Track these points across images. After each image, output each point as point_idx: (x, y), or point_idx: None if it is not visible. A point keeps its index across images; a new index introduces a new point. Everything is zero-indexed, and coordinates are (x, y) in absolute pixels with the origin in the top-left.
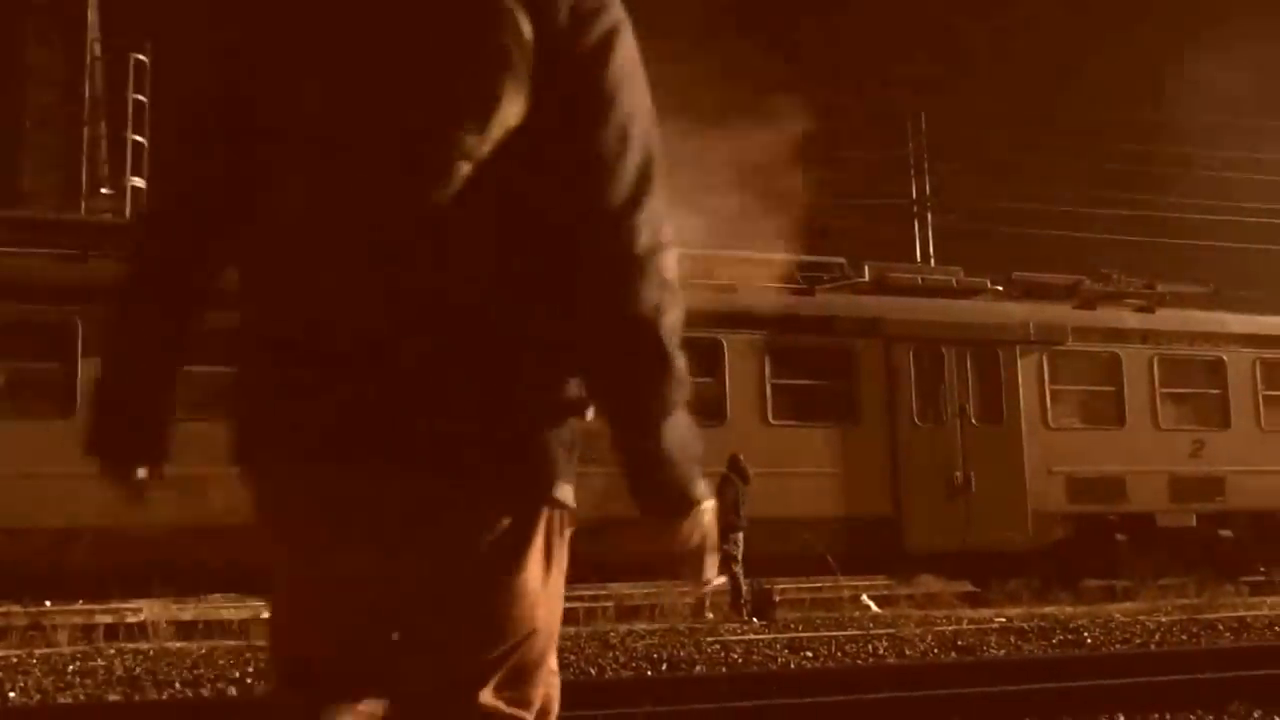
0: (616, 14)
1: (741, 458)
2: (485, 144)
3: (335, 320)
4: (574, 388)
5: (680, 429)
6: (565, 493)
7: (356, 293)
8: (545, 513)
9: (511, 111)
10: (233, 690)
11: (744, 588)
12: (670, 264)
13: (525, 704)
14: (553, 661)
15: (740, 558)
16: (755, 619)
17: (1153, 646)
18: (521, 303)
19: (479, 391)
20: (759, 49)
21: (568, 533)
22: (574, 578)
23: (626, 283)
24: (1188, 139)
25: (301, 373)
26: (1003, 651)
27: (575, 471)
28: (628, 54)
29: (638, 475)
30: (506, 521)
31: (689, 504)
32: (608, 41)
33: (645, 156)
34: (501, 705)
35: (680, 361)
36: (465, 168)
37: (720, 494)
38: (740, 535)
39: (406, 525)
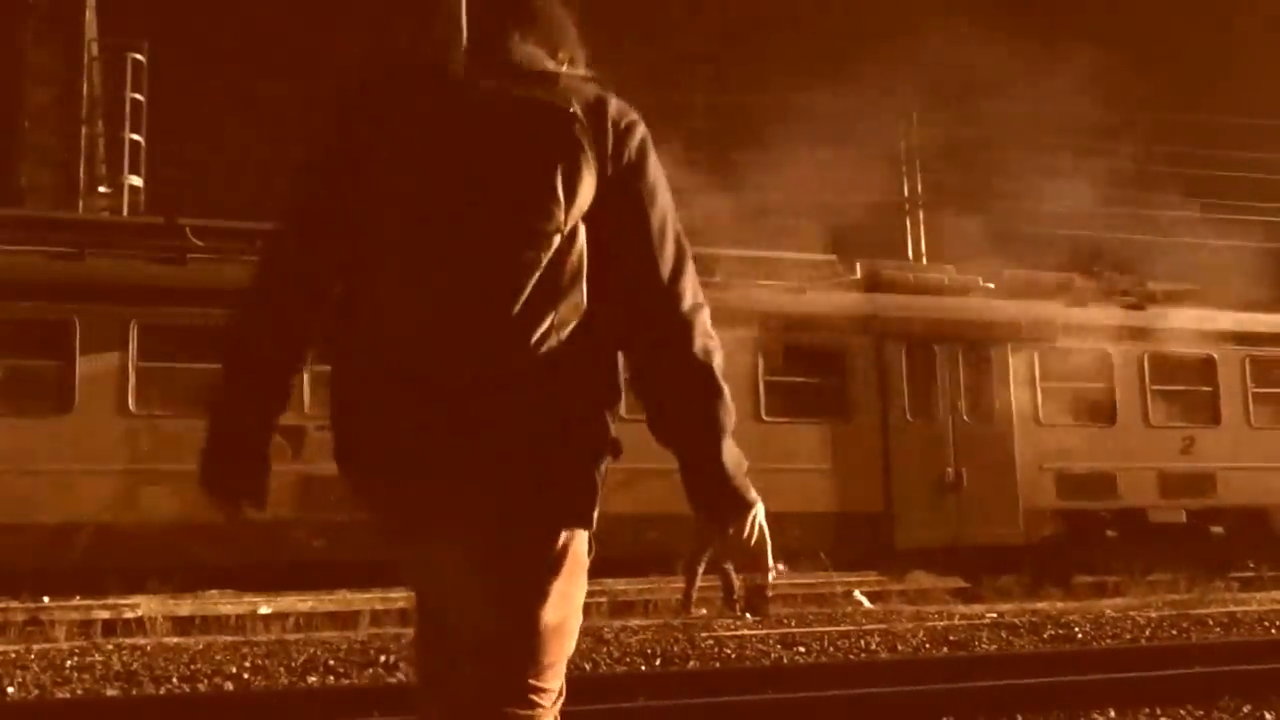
0: (644, 128)
1: None
2: (570, 220)
3: (438, 361)
4: (613, 430)
5: (734, 447)
6: (594, 502)
7: (455, 341)
8: (582, 534)
9: (586, 196)
10: (229, 685)
11: (736, 584)
12: (708, 318)
13: (551, 693)
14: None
15: None
16: (749, 615)
17: (1143, 642)
18: (585, 360)
19: (547, 432)
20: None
21: (591, 550)
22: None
23: (684, 336)
24: (1182, 136)
25: (402, 402)
26: (994, 647)
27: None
28: (656, 158)
29: (705, 487)
30: (555, 540)
31: (748, 506)
32: (643, 149)
33: (679, 237)
34: (536, 693)
35: (728, 394)
36: (557, 239)
37: None
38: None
39: (474, 537)
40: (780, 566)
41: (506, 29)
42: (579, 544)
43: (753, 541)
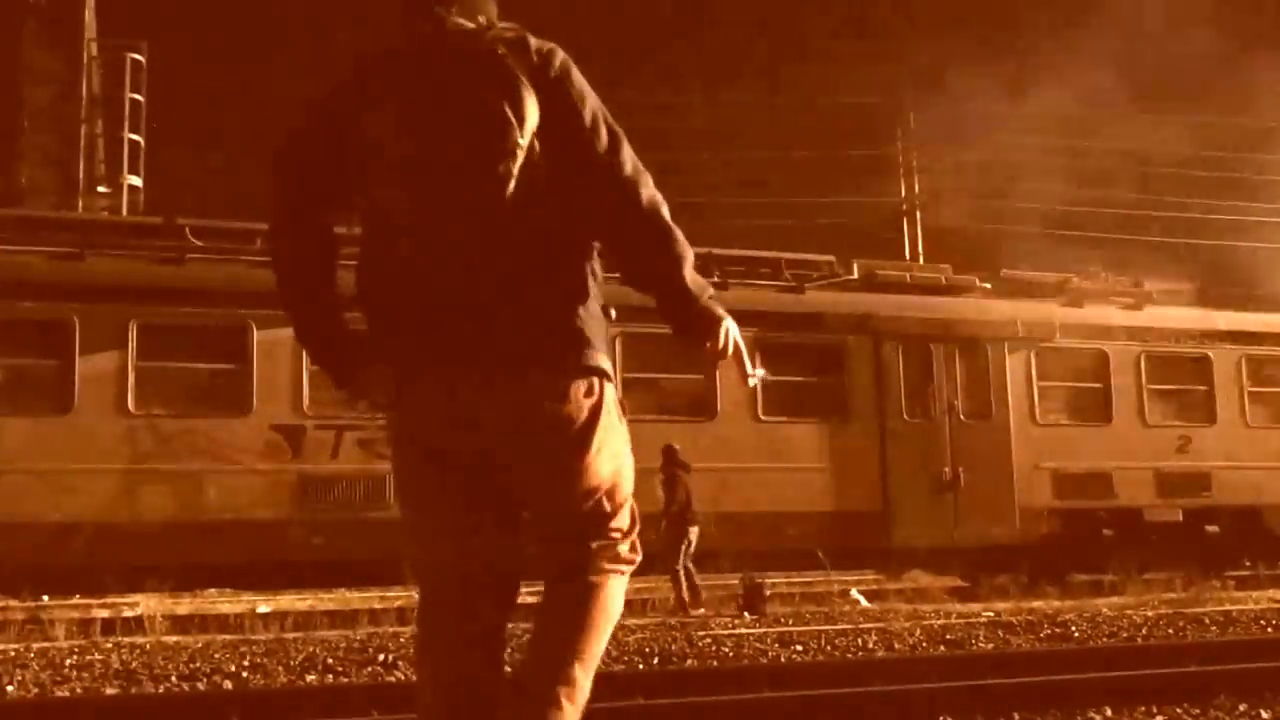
0: (562, 51)
1: (678, 449)
2: (525, 135)
3: (440, 276)
4: (598, 297)
5: (696, 276)
6: (604, 362)
7: (451, 256)
8: (592, 380)
9: (533, 115)
10: (228, 684)
11: (698, 583)
12: (650, 180)
13: (626, 525)
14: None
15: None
16: (746, 613)
17: (1140, 640)
18: (559, 246)
19: (539, 308)
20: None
21: (616, 394)
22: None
23: (635, 196)
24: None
25: (419, 312)
26: (991, 645)
27: (610, 354)
28: (578, 71)
29: (677, 311)
30: (567, 386)
31: (718, 320)
32: (565, 66)
33: (612, 124)
34: (608, 538)
35: (681, 234)
36: (520, 154)
37: (672, 489)
38: (695, 529)
39: (502, 407)
40: (760, 371)
41: (438, 8)
42: (608, 394)
43: (730, 350)
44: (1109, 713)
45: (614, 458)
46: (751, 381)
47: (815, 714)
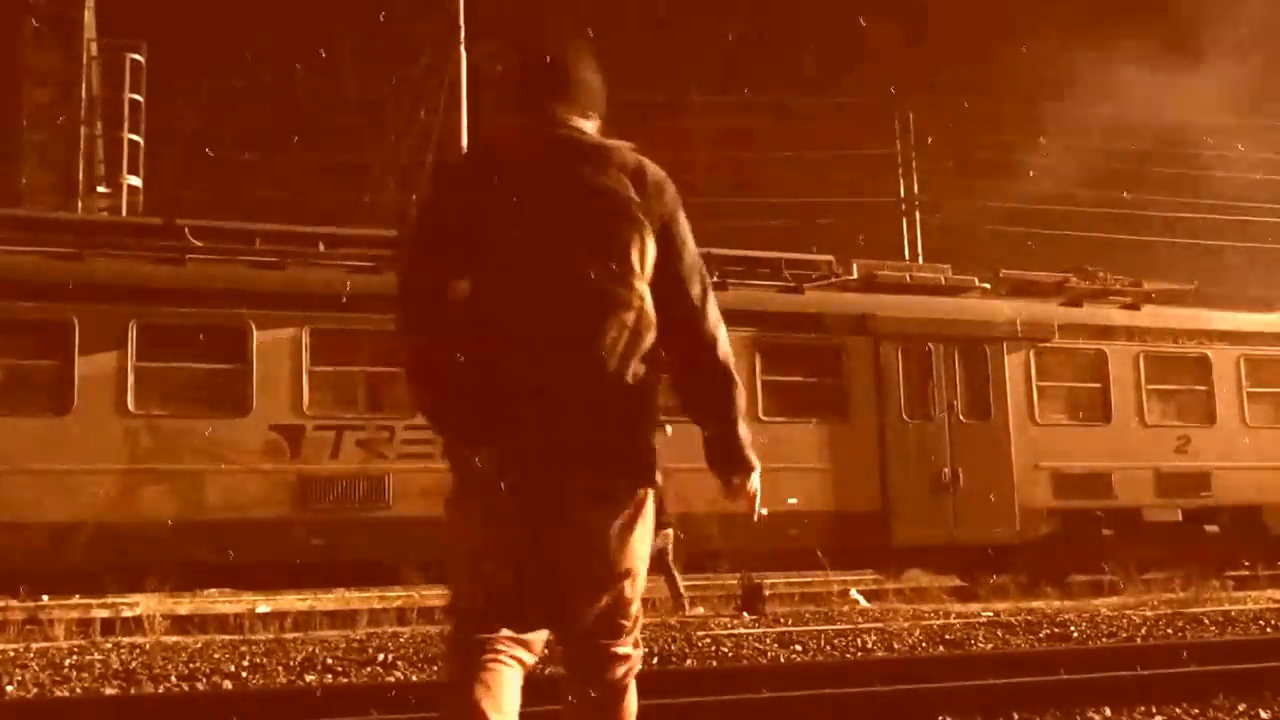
0: (673, 186)
1: None
2: (645, 284)
3: (518, 370)
4: (657, 414)
5: (745, 425)
6: (655, 477)
7: (548, 358)
8: (646, 492)
9: (651, 263)
10: (228, 684)
11: (680, 586)
12: (725, 331)
13: (632, 619)
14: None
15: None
16: (745, 614)
17: (1139, 640)
18: (648, 380)
19: (612, 421)
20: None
21: (654, 505)
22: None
23: (711, 346)
24: (1175, 138)
25: (509, 402)
26: (990, 646)
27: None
28: (682, 211)
29: (727, 453)
30: (627, 498)
31: (753, 468)
32: (675, 207)
33: (703, 271)
34: (623, 619)
35: (741, 386)
36: (637, 301)
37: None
38: (670, 532)
39: (565, 505)
40: (764, 511)
41: (551, 105)
42: (650, 503)
43: (749, 490)
44: (1108, 712)
45: (634, 558)
46: (755, 518)
47: (814, 714)
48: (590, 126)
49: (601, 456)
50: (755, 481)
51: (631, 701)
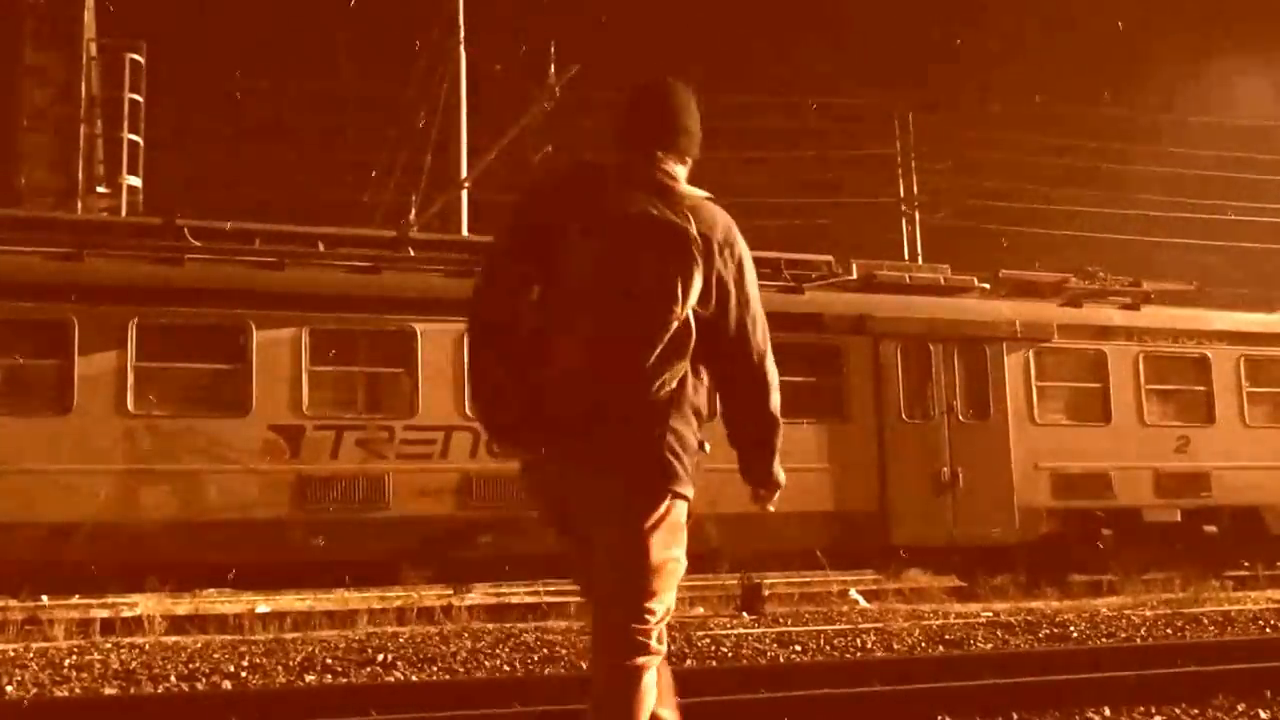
0: (741, 241)
1: None
2: (684, 312)
3: (571, 373)
4: (699, 433)
5: (779, 441)
6: (687, 489)
7: (597, 373)
8: (672, 501)
9: (694, 296)
10: (227, 684)
11: None
12: (775, 371)
13: (651, 610)
14: (674, 590)
15: None
16: (745, 614)
17: (1139, 641)
18: (681, 396)
19: (654, 441)
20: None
21: (686, 514)
22: (567, 573)
23: (761, 372)
24: (1176, 138)
25: (561, 410)
26: (990, 646)
27: (695, 480)
28: (749, 260)
29: (760, 468)
30: (652, 503)
31: (779, 485)
32: (741, 258)
33: (762, 318)
34: (647, 611)
35: (781, 420)
36: (674, 325)
37: None
38: None
39: (588, 484)
40: (771, 508)
41: (656, 150)
42: (677, 511)
43: (772, 500)
44: (1108, 713)
45: (665, 559)
46: (770, 509)
47: (814, 714)
48: (682, 171)
49: (630, 465)
50: (778, 492)
51: (646, 693)
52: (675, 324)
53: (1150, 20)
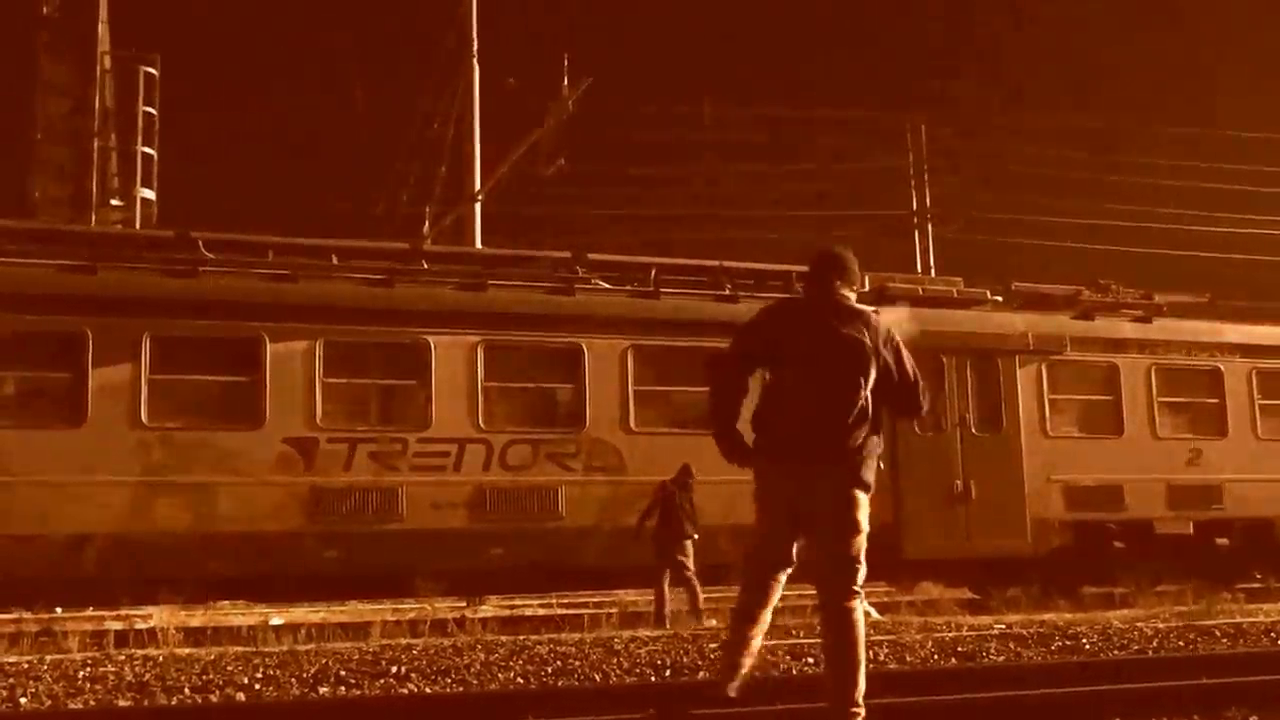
0: (896, 336)
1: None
2: (867, 391)
3: (801, 425)
4: (879, 448)
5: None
6: (871, 480)
7: (809, 421)
8: (861, 490)
9: (871, 379)
10: (241, 696)
11: (699, 596)
12: (929, 399)
13: (856, 563)
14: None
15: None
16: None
17: (1150, 652)
18: (869, 442)
19: (850, 455)
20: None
21: (869, 498)
22: (580, 585)
23: (919, 404)
24: (1188, 151)
25: (791, 437)
26: (1002, 658)
27: (875, 477)
28: (904, 346)
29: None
30: (848, 489)
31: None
32: (898, 348)
33: (916, 371)
34: (849, 560)
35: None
36: (861, 398)
37: (680, 506)
38: (690, 543)
39: (814, 486)
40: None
41: (835, 281)
42: (865, 498)
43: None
44: None
45: (859, 527)
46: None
47: None
48: (852, 295)
49: (836, 470)
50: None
51: (859, 626)
52: (861, 402)
53: (1168, 38)
